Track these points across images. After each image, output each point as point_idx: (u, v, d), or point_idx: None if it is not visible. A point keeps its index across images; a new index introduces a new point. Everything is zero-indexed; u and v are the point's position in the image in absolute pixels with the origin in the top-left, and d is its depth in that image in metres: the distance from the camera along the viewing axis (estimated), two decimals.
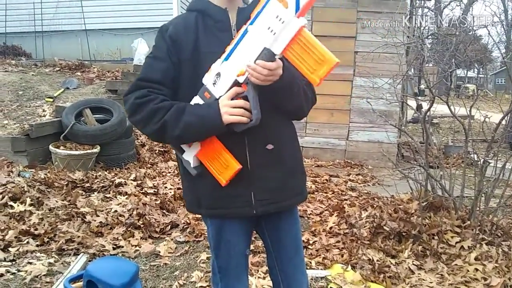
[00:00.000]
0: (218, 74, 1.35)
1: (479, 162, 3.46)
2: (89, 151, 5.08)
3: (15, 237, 3.14)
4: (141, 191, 4.27)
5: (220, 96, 1.36)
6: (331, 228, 3.55)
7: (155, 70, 1.44)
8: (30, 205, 3.52)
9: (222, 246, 1.58)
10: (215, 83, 1.36)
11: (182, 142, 1.44)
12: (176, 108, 1.38)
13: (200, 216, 3.71)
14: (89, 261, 2.94)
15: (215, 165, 1.41)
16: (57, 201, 3.71)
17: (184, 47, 1.43)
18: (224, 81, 1.35)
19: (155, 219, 3.64)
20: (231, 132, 1.37)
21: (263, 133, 1.42)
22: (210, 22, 1.45)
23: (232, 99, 1.35)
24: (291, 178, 1.54)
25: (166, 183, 4.62)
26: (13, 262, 2.90)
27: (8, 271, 2.74)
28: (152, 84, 1.42)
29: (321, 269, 2.93)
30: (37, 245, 3.12)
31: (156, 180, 4.72)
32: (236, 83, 1.34)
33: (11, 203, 3.49)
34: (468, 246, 2.96)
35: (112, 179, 4.46)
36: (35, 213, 3.45)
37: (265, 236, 1.66)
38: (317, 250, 3.17)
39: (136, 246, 3.25)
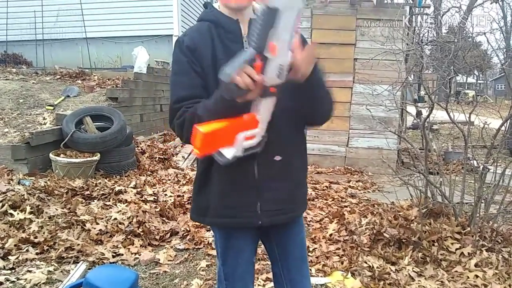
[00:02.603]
0: None
1: (479, 169, 3.46)
2: (89, 158, 5.09)
3: (15, 245, 3.14)
4: (141, 199, 4.26)
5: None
6: (331, 235, 3.55)
7: (182, 87, 1.43)
8: (30, 213, 3.52)
9: (230, 252, 1.58)
10: None
11: (208, 117, 1.32)
12: (204, 101, 1.35)
13: (199, 223, 3.72)
14: (89, 269, 2.93)
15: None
16: (57, 209, 3.71)
17: (204, 54, 1.42)
18: None
19: (154, 226, 3.64)
20: None
21: (272, 144, 1.41)
22: (222, 33, 1.45)
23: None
24: (297, 189, 1.56)
25: (166, 191, 4.62)
26: (13, 270, 2.89)
27: (7, 280, 2.74)
28: (184, 102, 1.40)
29: (321, 276, 2.92)
30: (37, 253, 3.12)
31: (156, 188, 4.72)
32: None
33: (11, 211, 3.49)
34: (468, 253, 2.96)
35: (112, 187, 4.46)
36: (35, 221, 3.44)
37: (272, 245, 1.66)
38: (317, 257, 3.16)
39: (135, 254, 3.24)
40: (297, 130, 1.54)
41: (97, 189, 4.40)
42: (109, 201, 4.15)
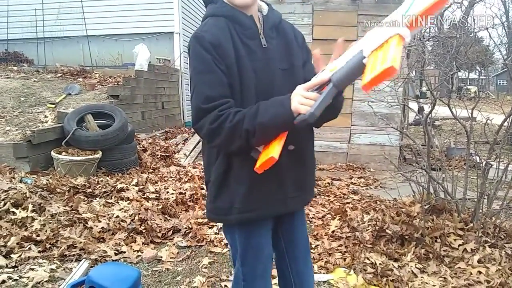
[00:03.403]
0: (323, 69, 1.31)
1: (481, 164, 3.44)
2: (91, 156, 5.09)
3: (17, 244, 3.14)
4: (143, 196, 4.26)
5: None
6: (333, 231, 3.54)
7: (209, 86, 1.36)
8: (32, 211, 3.52)
9: (251, 250, 1.57)
10: (317, 76, 1.31)
11: (264, 142, 1.35)
12: (250, 113, 1.33)
13: (202, 221, 3.73)
14: (91, 267, 2.94)
15: (264, 150, 1.36)
16: (59, 207, 3.71)
17: (227, 51, 1.38)
18: (321, 75, 1.29)
19: (157, 224, 3.64)
20: None
21: (288, 135, 1.40)
22: (239, 29, 1.43)
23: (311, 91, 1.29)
24: (310, 176, 1.64)
25: (168, 188, 4.62)
26: (15, 269, 2.90)
27: (10, 278, 2.74)
28: (216, 103, 1.34)
29: (324, 273, 2.92)
30: (39, 251, 3.12)
31: (158, 185, 4.72)
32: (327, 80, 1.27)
33: (13, 209, 3.49)
34: (471, 249, 2.95)
35: (114, 185, 4.46)
36: (37, 219, 3.45)
37: (279, 238, 1.67)
38: (319, 254, 3.16)
39: (138, 251, 3.24)
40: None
41: (99, 187, 4.40)
42: (111, 198, 4.15)
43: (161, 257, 3.16)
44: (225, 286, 2.73)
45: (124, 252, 3.20)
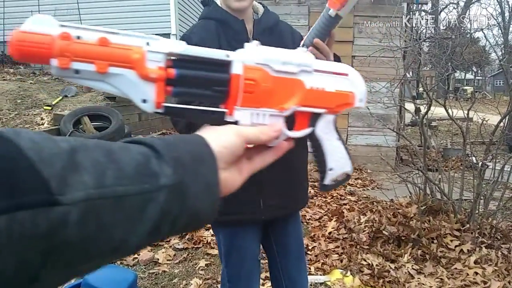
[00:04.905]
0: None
1: (477, 165, 3.45)
2: None
3: None
4: None
5: None
6: (330, 233, 3.54)
7: None
8: None
9: (234, 252, 1.56)
10: None
11: None
12: None
13: None
14: None
15: None
16: None
17: None
18: None
19: None
20: None
21: None
22: (230, 33, 1.44)
23: None
24: (298, 184, 1.57)
25: None
26: None
27: None
28: None
29: (321, 274, 2.91)
30: None
31: None
32: None
33: None
34: (468, 250, 2.96)
35: None
36: None
37: (270, 242, 1.65)
38: (316, 256, 3.15)
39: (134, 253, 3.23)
40: None
41: None
42: None
43: (158, 260, 3.15)
44: None
45: None
